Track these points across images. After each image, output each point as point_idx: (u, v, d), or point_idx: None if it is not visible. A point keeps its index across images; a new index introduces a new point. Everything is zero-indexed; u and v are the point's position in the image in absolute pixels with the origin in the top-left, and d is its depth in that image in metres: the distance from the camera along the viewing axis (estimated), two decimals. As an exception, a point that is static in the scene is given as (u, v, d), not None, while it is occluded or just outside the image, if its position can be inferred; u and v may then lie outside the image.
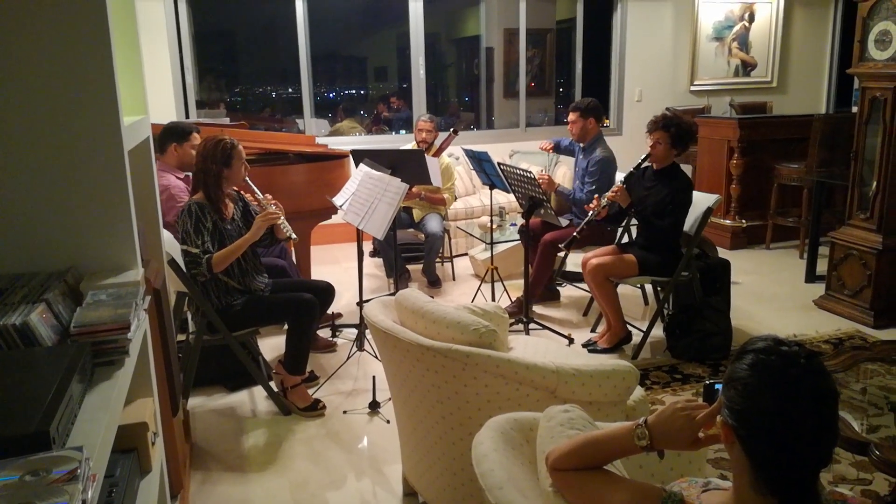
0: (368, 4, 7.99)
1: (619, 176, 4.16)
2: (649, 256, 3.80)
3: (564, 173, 5.97)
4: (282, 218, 3.24)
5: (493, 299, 4.58)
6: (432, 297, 2.43)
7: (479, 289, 4.80)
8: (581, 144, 4.60)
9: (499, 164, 4.28)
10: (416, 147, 5.15)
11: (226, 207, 3.23)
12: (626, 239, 4.36)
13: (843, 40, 7.64)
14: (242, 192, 3.39)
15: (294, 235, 3.32)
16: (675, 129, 3.67)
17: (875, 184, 4.20)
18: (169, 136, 3.70)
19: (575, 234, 3.84)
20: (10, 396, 1.16)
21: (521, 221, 4.42)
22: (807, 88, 7.85)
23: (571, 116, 4.54)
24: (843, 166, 4.77)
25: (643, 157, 3.85)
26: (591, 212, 3.83)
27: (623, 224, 4.36)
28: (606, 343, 3.94)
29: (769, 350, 1.12)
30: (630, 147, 6.59)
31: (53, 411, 1.10)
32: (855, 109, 4.58)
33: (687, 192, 3.75)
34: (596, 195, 3.91)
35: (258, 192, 3.30)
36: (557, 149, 5.00)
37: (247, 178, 3.27)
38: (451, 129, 5.12)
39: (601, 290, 3.87)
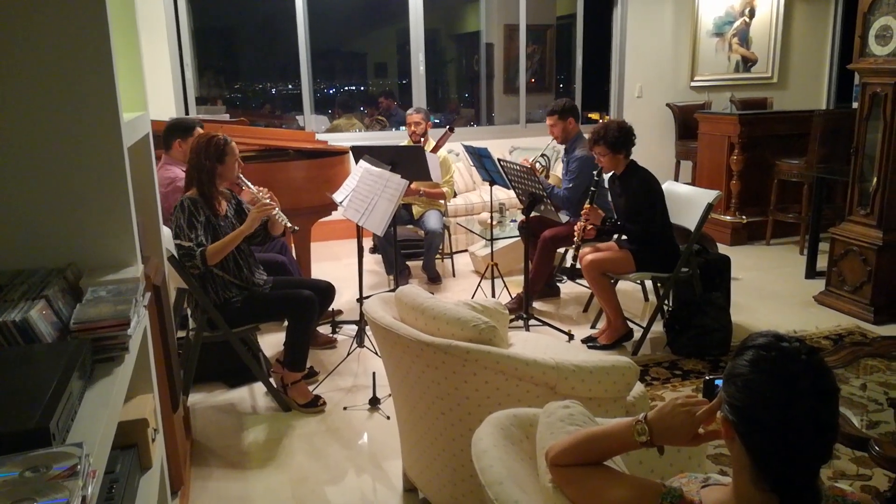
0: (368, 0, 7.98)
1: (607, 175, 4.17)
2: (642, 253, 3.81)
3: (560, 171, 5.96)
4: (276, 209, 3.23)
5: (493, 295, 4.58)
6: (432, 294, 2.43)
7: (479, 285, 4.79)
8: (563, 146, 4.62)
9: (499, 160, 4.29)
10: (410, 142, 5.15)
11: (219, 204, 3.22)
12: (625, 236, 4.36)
13: (844, 36, 7.62)
14: (235, 190, 3.38)
15: (290, 224, 3.31)
16: (602, 140, 3.79)
17: (875, 180, 4.19)
18: (173, 132, 3.71)
19: (573, 251, 3.87)
20: (9, 393, 1.16)
21: (521, 217, 4.42)
22: (807, 84, 7.83)
23: (550, 121, 4.55)
24: (844, 162, 4.76)
25: (596, 172, 3.97)
26: (576, 237, 3.88)
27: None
28: (606, 339, 3.95)
29: (770, 346, 1.12)
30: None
31: (53, 407, 1.10)
32: (855, 105, 4.58)
33: (646, 185, 3.78)
34: (579, 221, 3.91)
35: (251, 186, 3.29)
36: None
37: (240, 175, 3.27)
38: (448, 127, 5.12)
39: (598, 285, 3.87)
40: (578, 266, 3.96)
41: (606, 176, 4.06)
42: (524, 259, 4.11)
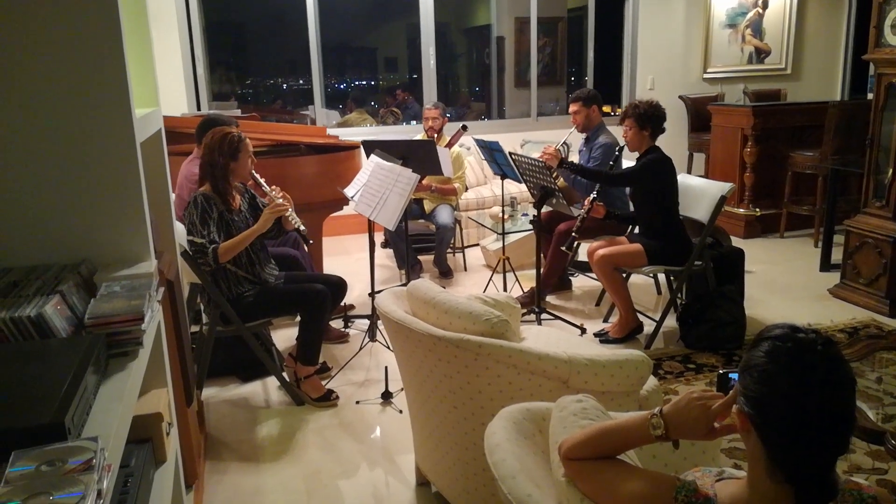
0: (378, -5, 7.98)
1: (626, 163, 4.14)
2: (652, 244, 3.79)
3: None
4: (290, 210, 3.25)
5: (505, 289, 4.57)
6: (444, 288, 2.43)
7: (490, 279, 4.79)
8: (584, 135, 4.60)
9: (510, 153, 4.27)
10: (425, 136, 5.14)
11: (232, 199, 3.24)
12: (637, 230, 4.33)
13: (859, 26, 7.54)
14: (249, 186, 3.40)
15: (303, 227, 3.32)
16: (632, 111, 3.82)
17: (891, 171, 4.15)
18: (207, 128, 3.73)
19: (574, 233, 3.86)
20: (25, 388, 1.17)
21: (532, 212, 4.41)
22: (821, 75, 7.76)
23: (574, 107, 4.54)
24: (859, 154, 4.71)
25: (619, 146, 3.99)
26: (583, 210, 3.88)
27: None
28: (617, 333, 3.93)
29: (786, 337, 1.11)
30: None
31: (68, 402, 1.10)
32: (870, 96, 4.53)
33: (660, 162, 3.77)
34: (588, 196, 3.92)
35: (265, 185, 3.30)
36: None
37: (253, 172, 3.28)
38: (462, 125, 5.13)
39: (609, 280, 3.86)
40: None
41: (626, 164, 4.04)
42: (536, 253, 4.10)
